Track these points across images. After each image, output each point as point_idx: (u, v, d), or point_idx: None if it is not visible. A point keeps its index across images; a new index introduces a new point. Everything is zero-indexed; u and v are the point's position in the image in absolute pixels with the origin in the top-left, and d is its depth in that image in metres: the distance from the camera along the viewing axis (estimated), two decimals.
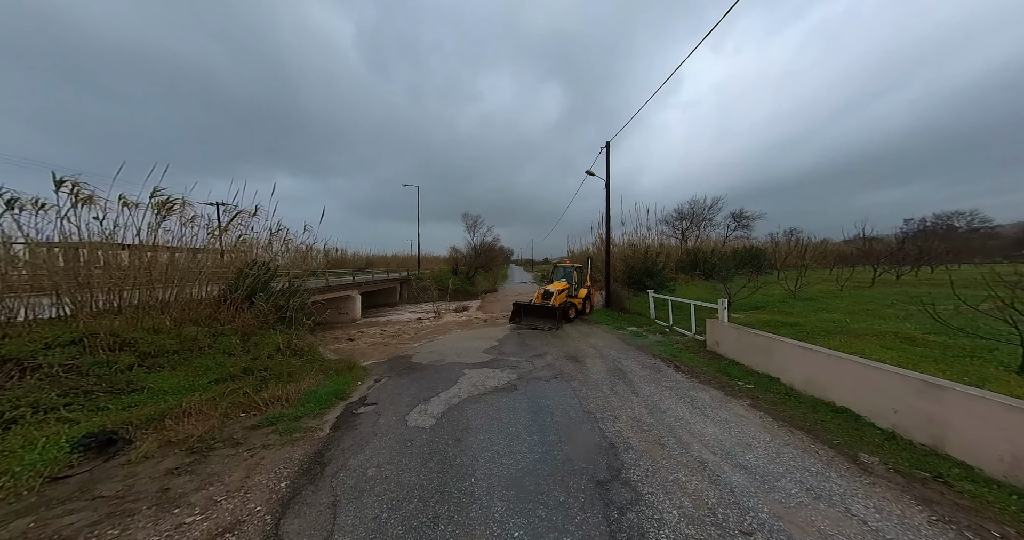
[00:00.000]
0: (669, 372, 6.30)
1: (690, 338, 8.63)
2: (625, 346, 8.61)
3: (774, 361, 5.39)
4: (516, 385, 6.10)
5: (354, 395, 6.29)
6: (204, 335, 7.01)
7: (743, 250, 28.19)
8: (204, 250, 8.12)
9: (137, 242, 6.94)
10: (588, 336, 10.23)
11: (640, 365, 6.89)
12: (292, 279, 9.89)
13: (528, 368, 7.20)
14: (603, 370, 6.77)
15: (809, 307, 11.51)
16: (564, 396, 5.44)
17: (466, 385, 6.24)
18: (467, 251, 33.90)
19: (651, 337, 9.17)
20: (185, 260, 7.49)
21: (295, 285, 9.58)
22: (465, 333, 12.40)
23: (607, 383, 5.96)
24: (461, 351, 9.24)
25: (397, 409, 5.27)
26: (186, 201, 7.66)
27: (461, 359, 8.33)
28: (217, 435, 4.53)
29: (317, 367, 7.64)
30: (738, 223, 41.83)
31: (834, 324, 8.54)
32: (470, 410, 4.99)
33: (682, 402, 4.91)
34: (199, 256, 7.89)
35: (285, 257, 11.21)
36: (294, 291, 9.06)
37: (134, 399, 5.04)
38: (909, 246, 23.01)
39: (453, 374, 7.03)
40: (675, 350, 7.63)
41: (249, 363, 6.93)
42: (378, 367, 8.37)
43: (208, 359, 6.56)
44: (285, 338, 8.32)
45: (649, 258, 16.38)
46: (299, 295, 9.10)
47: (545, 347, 9.08)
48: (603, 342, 9.22)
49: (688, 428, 4.12)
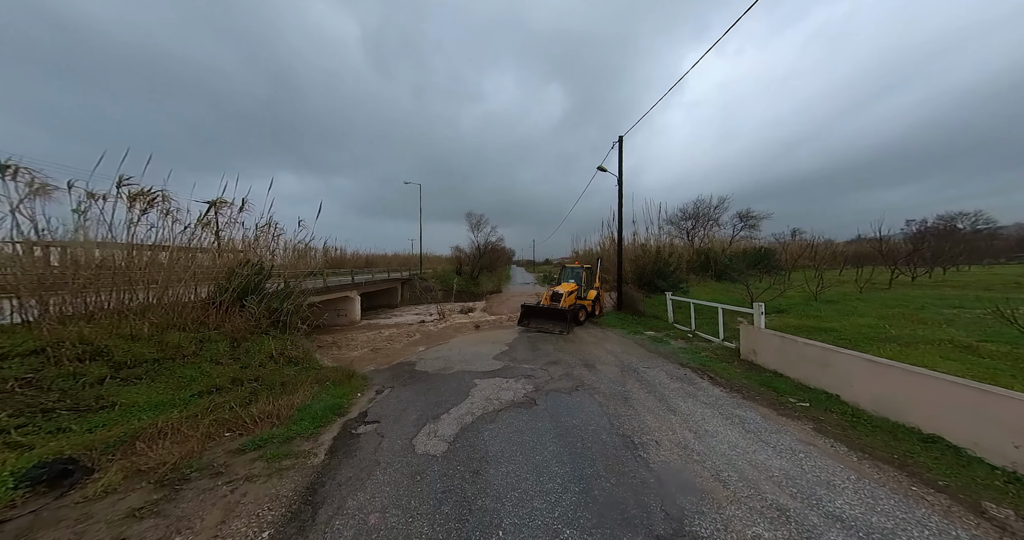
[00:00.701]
0: (704, 385, 5.66)
1: (717, 345, 7.98)
2: (646, 353, 7.97)
3: (831, 375, 4.74)
4: (535, 399, 5.46)
5: (353, 410, 5.67)
6: (189, 341, 6.39)
7: (753, 250, 27.54)
8: (191, 249, 7.50)
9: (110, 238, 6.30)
10: (603, 341, 9.60)
11: (669, 375, 6.25)
12: (287, 280, 9.28)
13: (544, 378, 6.56)
14: (628, 381, 6.13)
15: (835, 310, 10.87)
16: (591, 413, 4.80)
17: (479, 399, 5.61)
18: (471, 251, 33.26)
19: (673, 343, 8.53)
20: (169, 259, 6.85)
21: (291, 286, 8.95)
22: (472, 337, 11.77)
23: (637, 397, 5.32)
24: (469, 357, 8.61)
25: (402, 429, 4.64)
26: (166, 194, 7.02)
27: (470, 367, 7.70)
28: (195, 462, 3.90)
29: (313, 376, 7.02)
30: (744, 223, 41.20)
31: (872, 329, 7.90)
32: (487, 432, 4.35)
33: (730, 423, 4.27)
34: (186, 255, 7.25)
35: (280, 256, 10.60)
36: (288, 293, 8.43)
37: (103, 418, 4.41)
38: (926, 247, 22.34)
39: (463, 385, 6.40)
40: (704, 359, 6.98)
41: (238, 372, 6.31)
42: (379, 375, 7.75)
43: (192, 368, 5.93)
44: (278, 344, 7.70)
45: (661, 259, 15.74)
46: (294, 297, 8.47)
47: (559, 353, 8.45)
48: (621, 348, 8.58)
49: (748, 459, 3.48)
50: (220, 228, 7.45)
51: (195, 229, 7.12)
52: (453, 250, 37.39)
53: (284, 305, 8.03)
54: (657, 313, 12.19)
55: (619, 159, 12.88)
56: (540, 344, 9.62)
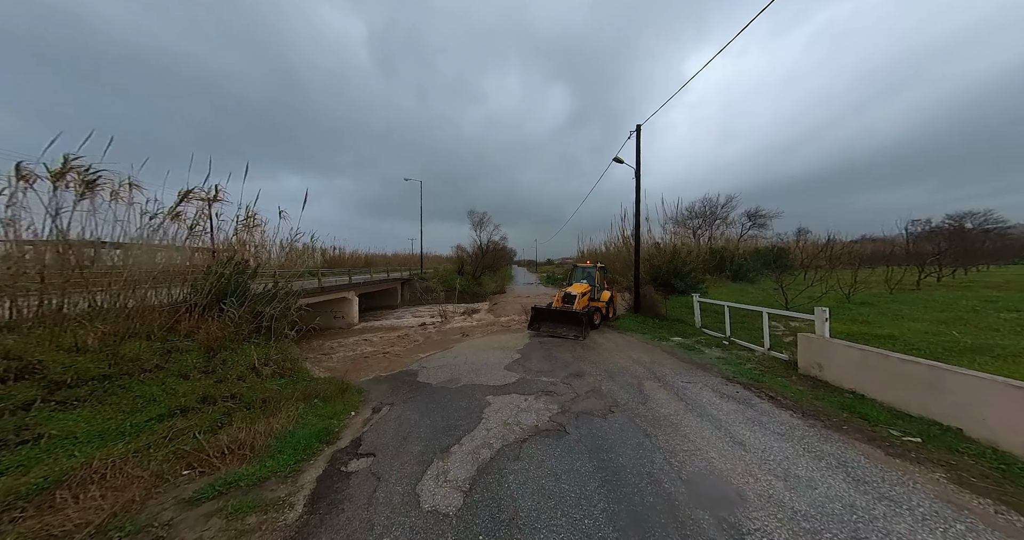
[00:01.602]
0: (766, 408, 4.71)
1: (762, 355, 7.02)
2: (679, 363, 7.02)
3: (944, 401, 3.78)
4: (563, 425, 4.51)
5: (345, 435, 4.73)
6: (152, 353, 5.45)
7: (765, 249, 26.61)
8: (160, 246, 6.56)
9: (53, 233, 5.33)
10: (625, 348, 8.64)
11: (717, 393, 5.30)
12: (277, 280, 8.33)
13: (569, 394, 5.62)
14: (669, 399, 5.18)
15: (878, 313, 9.93)
16: (638, 447, 3.85)
17: (495, 423, 4.67)
18: (473, 250, 32.31)
19: (708, 352, 7.57)
20: (125, 256, 5.89)
21: (280, 287, 8.01)
22: (478, 341, 10.83)
23: (688, 423, 4.37)
24: (478, 366, 7.67)
25: (404, 468, 3.69)
26: (134, 183, 6.05)
27: (480, 378, 6.76)
28: (130, 521, 2.96)
29: (301, 391, 6.08)
30: (753, 222, 40.26)
31: (938, 337, 6.96)
32: (511, 476, 3.41)
33: (826, 467, 3.32)
34: (150, 252, 6.29)
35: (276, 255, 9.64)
36: (274, 294, 7.49)
37: (20, 456, 3.47)
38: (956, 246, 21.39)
39: (474, 403, 5.46)
40: (752, 372, 6.03)
41: (211, 389, 5.37)
42: (377, 388, 6.83)
43: (154, 386, 4.99)
44: (262, 353, 6.76)
45: (678, 258, 14.79)
46: (280, 299, 7.53)
47: (579, 362, 7.50)
48: (648, 356, 7.62)
49: (883, 531, 2.53)
50: (196, 222, 6.51)
51: (162, 222, 6.17)
52: (455, 249, 36.42)
53: (268, 309, 7.09)
54: (680, 316, 11.24)
55: (637, 149, 11.94)
56: (555, 351, 8.67)
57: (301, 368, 7.37)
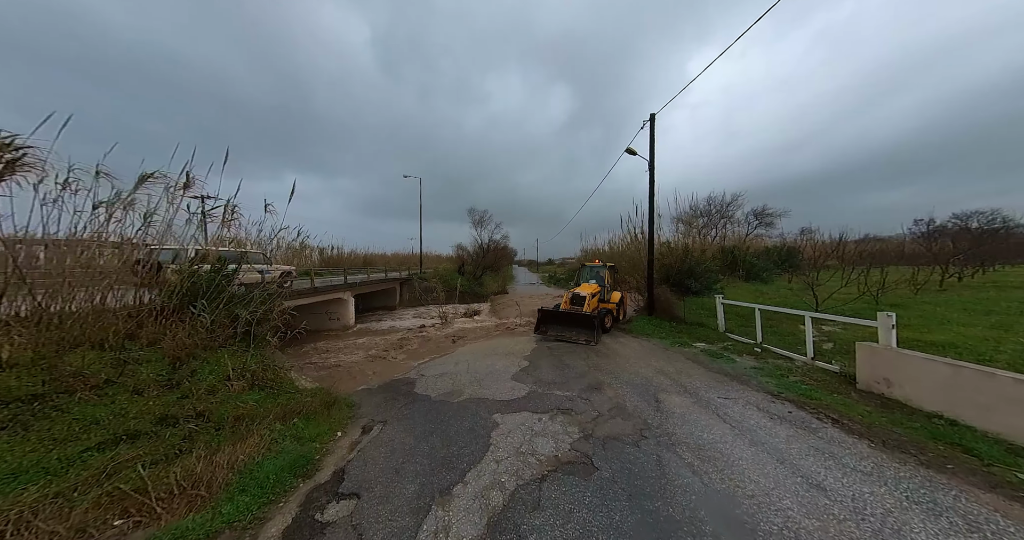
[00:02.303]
0: (832, 433, 3.92)
1: (803, 365, 6.21)
2: (709, 374, 6.23)
3: None
4: (588, 455, 3.72)
5: (326, 465, 3.97)
6: (103, 365, 4.66)
7: (775, 248, 25.83)
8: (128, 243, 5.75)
9: None
10: (644, 354, 7.86)
11: (765, 413, 4.51)
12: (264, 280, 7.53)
13: (589, 413, 4.83)
14: (709, 420, 4.39)
15: (917, 316, 9.15)
16: (687, 491, 3.06)
17: (505, 451, 3.88)
18: (474, 249, 31.50)
19: (739, 360, 6.78)
20: (60, 253, 5.08)
21: (267, 289, 7.22)
22: (481, 346, 10.05)
23: (742, 455, 3.58)
24: (482, 376, 6.90)
25: (394, 519, 2.91)
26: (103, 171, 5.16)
27: (485, 391, 5.99)
28: None
29: (281, 406, 5.31)
30: (759, 220, 39.47)
31: (999, 344, 6.17)
32: (532, 536, 2.62)
33: (954, 531, 2.51)
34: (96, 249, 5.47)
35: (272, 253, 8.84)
36: (251, 297, 6.69)
37: None
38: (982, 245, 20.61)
39: (479, 422, 4.68)
40: (801, 387, 5.22)
41: (172, 407, 4.58)
42: (369, 400, 6.07)
43: (100, 406, 4.19)
44: (239, 361, 5.97)
45: (689, 257, 14.00)
46: (259, 301, 6.74)
47: (595, 372, 6.72)
48: (672, 366, 6.83)
49: None
50: (152, 211, 5.66)
51: (111, 212, 5.34)
52: (455, 248, 35.62)
53: (246, 312, 6.29)
54: (699, 319, 10.43)
55: (651, 140, 11.14)
56: (567, 358, 7.89)
57: (285, 378, 6.58)
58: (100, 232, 5.66)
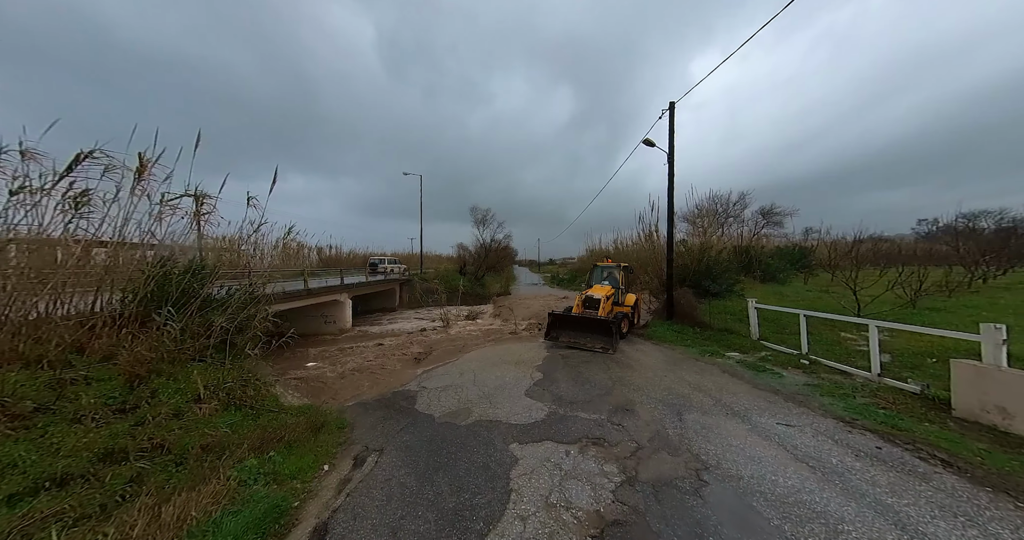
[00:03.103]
0: (951, 482, 3.06)
1: (868, 382, 5.36)
2: (756, 391, 5.40)
3: None
4: (640, 511, 2.90)
5: (307, 517, 3.17)
6: (38, 387, 3.84)
7: (787, 248, 25.00)
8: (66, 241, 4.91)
9: None
10: (671, 365, 7.03)
11: (844, 448, 3.69)
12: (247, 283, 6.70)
13: (626, 443, 4.02)
14: (777, 456, 3.58)
15: (967, 320, 8.32)
16: None
17: (532, 502, 3.07)
18: (476, 249, 30.67)
19: (787, 375, 5.94)
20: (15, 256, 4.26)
21: (242, 293, 6.40)
22: (487, 352, 9.24)
23: (843, 512, 2.75)
24: (491, 390, 6.11)
25: None
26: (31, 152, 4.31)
27: (497, 410, 5.18)
28: None
29: (259, 432, 4.51)
30: (767, 220, 38.63)
31: None
32: None
33: None
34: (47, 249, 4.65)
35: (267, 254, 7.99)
36: (229, 301, 5.88)
37: None
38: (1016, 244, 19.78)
39: (493, 457, 3.87)
40: (877, 412, 4.36)
41: (121, 438, 3.76)
42: (364, 419, 5.29)
43: (24, 443, 3.37)
44: (213, 377, 5.16)
45: (707, 256, 13.18)
46: (241, 306, 5.92)
47: (620, 387, 5.90)
48: (709, 380, 6.01)
49: None
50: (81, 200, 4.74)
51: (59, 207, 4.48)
52: (457, 248, 34.79)
53: (221, 319, 5.47)
54: (725, 324, 9.60)
55: (670, 129, 10.33)
56: (584, 369, 7.08)
57: (267, 395, 5.77)
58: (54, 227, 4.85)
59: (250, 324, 6.00)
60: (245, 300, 6.18)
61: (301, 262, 29.37)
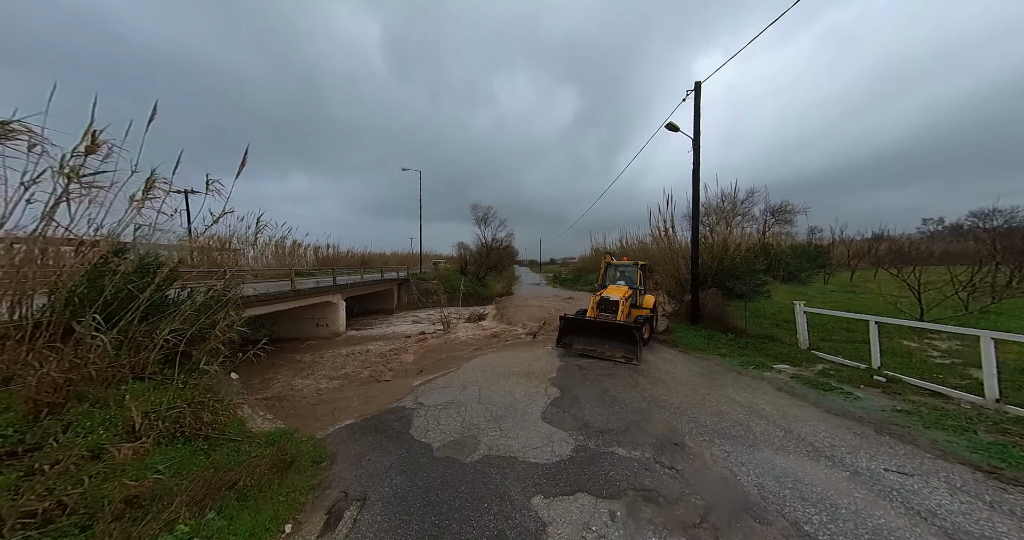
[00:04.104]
0: None
1: (978, 409, 4.28)
2: (833, 419, 4.35)
3: None
4: None
5: None
6: None
7: (802, 247, 23.94)
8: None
9: None
10: (711, 380, 5.98)
11: (1013, 519, 2.64)
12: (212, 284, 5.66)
13: (689, 501, 2.97)
14: (922, 535, 2.54)
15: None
16: None
17: None
18: (478, 248, 29.61)
19: (865, 397, 4.82)
20: None
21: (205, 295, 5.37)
22: (492, 360, 8.22)
23: None
24: (500, 411, 5.08)
25: None
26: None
27: (509, 441, 4.16)
28: None
29: (211, 472, 3.50)
30: (776, 218, 37.57)
31: None
32: None
33: None
34: None
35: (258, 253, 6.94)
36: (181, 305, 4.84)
37: None
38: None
39: (510, 520, 2.83)
40: None
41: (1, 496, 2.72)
42: (346, 449, 4.31)
43: None
44: (157, 400, 4.12)
45: (730, 255, 12.12)
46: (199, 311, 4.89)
47: (658, 410, 4.86)
48: (764, 401, 4.96)
49: None
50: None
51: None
52: (458, 247, 33.70)
53: (167, 329, 4.42)
54: (762, 330, 8.53)
55: (695, 112, 9.29)
56: (608, 384, 6.04)
57: (229, 420, 4.74)
58: None
59: (211, 333, 4.95)
60: (208, 303, 5.13)
61: (296, 262, 28.38)
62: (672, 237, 13.59)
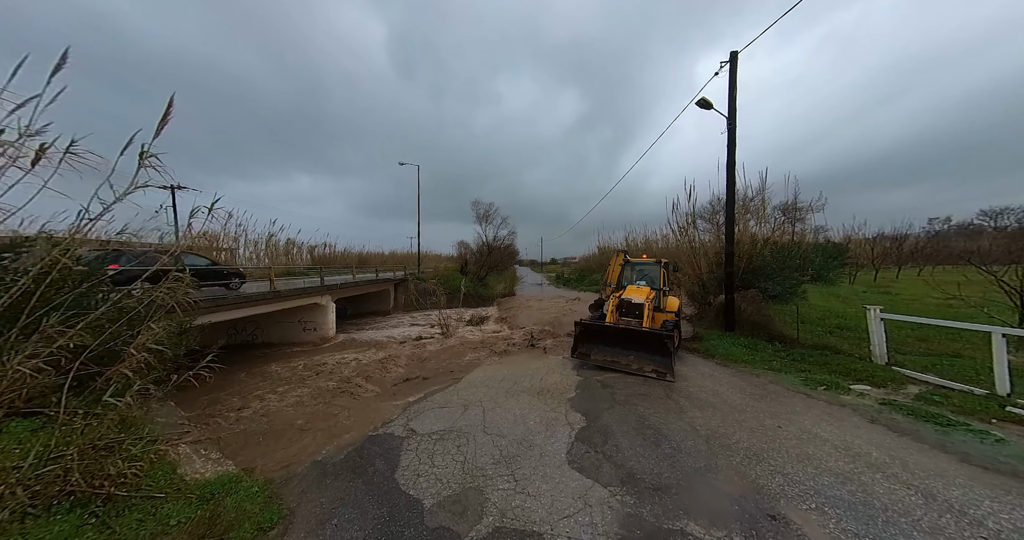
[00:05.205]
0: None
1: None
2: (975, 472, 3.15)
3: None
4: None
5: None
6: None
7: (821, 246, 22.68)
8: None
9: None
10: (770, 404, 4.76)
11: None
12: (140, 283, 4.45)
13: None
14: None
15: None
16: None
17: None
18: (478, 247, 28.38)
19: (1011, 440, 3.64)
20: None
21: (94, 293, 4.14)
22: (497, 372, 7.01)
23: None
24: (512, 447, 3.89)
25: None
26: None
27: (528, 500, 2.97)
28: None
29: None
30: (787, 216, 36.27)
31: None
32: None
33: None
34: None
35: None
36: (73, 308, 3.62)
37: None
38: None
39: None
40: None
41: None
42: (312, 498, 3.21)
43: None
44: (36, 444, 2.92)
45: (759, 251, 10.90)
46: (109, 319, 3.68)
47: (724, 452, 3.65)
48: (863, 441, 3.75)
49: None
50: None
51: None
52: (458, 245, 32.42)
53: (56, 344, 3.21)
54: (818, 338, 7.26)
55: (731, 86, 8.07)
56: (644, 409, 4.82)
57: (152, 465, 3.54)
58: None
59: (124, 349, 3.72)
60: (130, 307, 3.92)
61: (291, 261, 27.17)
62: (693, 233, 12.40)
